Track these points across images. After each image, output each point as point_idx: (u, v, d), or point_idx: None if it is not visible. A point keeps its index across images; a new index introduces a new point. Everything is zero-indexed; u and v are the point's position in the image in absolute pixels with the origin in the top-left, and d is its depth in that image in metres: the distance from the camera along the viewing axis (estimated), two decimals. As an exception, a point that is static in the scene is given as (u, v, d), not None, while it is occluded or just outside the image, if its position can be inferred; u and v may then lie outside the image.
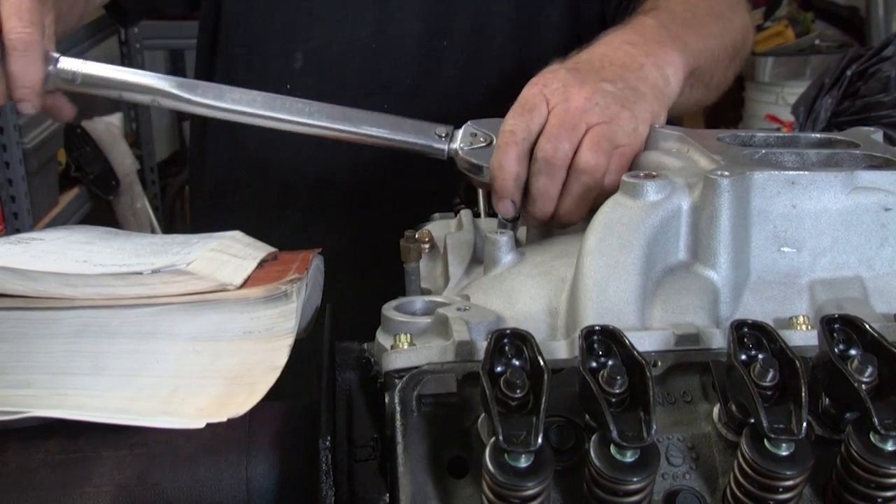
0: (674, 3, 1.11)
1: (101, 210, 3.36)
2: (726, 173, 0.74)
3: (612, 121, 0.87)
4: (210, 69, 1.43)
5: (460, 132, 0.97)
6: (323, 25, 1.33)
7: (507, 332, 0.62)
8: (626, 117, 0.88)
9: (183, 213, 3.82)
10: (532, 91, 0.90)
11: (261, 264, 0.84)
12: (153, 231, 3.46)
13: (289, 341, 0.72)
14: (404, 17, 1.32)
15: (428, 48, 1.33)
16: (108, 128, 3.32)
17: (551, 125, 0.88)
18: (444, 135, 0.98)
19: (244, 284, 0.77)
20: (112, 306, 0.73)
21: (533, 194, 0.90)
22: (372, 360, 0.76)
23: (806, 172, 0.75)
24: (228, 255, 0.83)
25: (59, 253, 0.82)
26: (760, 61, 3.89)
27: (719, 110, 4.23)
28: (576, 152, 0.87)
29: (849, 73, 2.29)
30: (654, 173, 0.76)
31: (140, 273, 0.75)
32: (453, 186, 1.14)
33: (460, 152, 0.95)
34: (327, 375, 0.73)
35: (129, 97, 1.02)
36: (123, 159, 3.34)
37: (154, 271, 0.75)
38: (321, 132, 1.00)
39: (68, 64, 0.99)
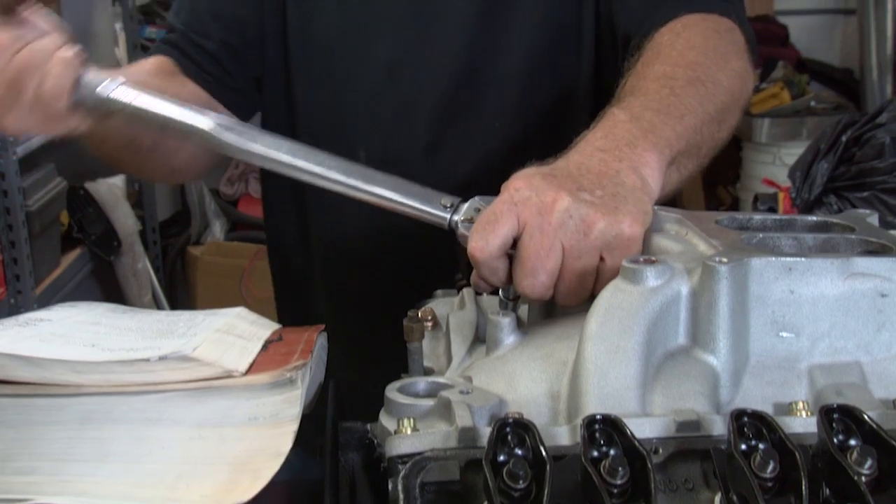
0: (651, 79, 1.06)
1: (103, 271, 3.37)
2: (724, 259, 0.75)
3: (590, 233, 0.85)
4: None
5: (465, 205, 0.96)
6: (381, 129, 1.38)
7: (510, 420, 0.63)
8: (604, 225, 0.85)
9: (184, 275, 3.83)
10: (502, 199, 0.88)
11: (266, 346, 0.85)
12: (154, 291, 3.47)
13: (293, 427, 0.73)
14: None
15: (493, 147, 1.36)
16: (110, 189, 3.35)
17: (526, 255, 0.85)
18: (449, 205, 0.97)
19: (250, 369, 0.78)
20: (118, 393, 0.74)
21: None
22: (375, 441, 0.76)
23: (803, 259, 0.76)
24: (234, 336, 0.84)
25: (67, 336, 0.83)
26: (757, 122, 3.93)
27: (717, 171, 4.27)
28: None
29: (844, 138, 2.32)
30: (653, 258, 0.77)
31: (147, 360, 0.76)
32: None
33: (459, 226, 0.96)
34: (331, 456, 0.73)
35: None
36: (125, 220, 3.36)
37: (161, 358, 0.76)
38: (335, 186, 1.01)
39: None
